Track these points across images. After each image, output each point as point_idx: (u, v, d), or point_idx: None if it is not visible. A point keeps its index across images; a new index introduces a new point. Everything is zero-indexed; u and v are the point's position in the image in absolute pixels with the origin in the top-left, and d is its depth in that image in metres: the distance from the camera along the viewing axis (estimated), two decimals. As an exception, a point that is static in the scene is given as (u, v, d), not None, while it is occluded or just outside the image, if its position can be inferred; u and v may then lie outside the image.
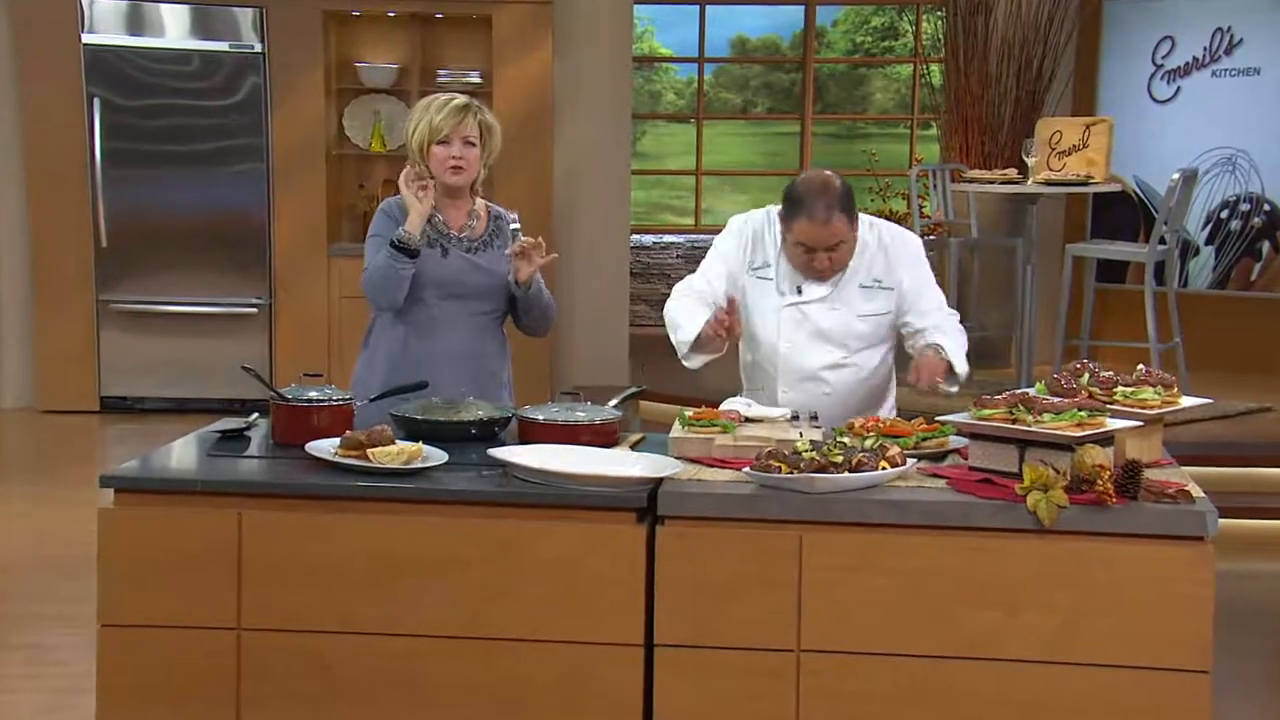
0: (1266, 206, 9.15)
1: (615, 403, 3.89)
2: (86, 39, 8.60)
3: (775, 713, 3.27)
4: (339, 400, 3.72)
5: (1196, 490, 3.30)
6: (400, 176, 4.22)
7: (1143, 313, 7.84)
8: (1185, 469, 3.57)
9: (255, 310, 8.88)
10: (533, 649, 3.31)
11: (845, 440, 3.46)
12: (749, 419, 3.76)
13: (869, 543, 3.24)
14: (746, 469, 3.35)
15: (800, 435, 3.53)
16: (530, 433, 3.72)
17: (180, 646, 3.38)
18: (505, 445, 3.60)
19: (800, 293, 4.12)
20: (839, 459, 3.28)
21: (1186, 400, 3.65)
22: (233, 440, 3.73)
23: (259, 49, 8.71)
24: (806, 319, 4.12)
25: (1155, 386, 3.56)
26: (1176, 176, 7.72)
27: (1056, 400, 3.36)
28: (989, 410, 3.35)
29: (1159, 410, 3.52)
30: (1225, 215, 9.26)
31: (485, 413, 3.83)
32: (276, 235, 8.83)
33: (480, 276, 4.27)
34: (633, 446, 3.70)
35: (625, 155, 9.39)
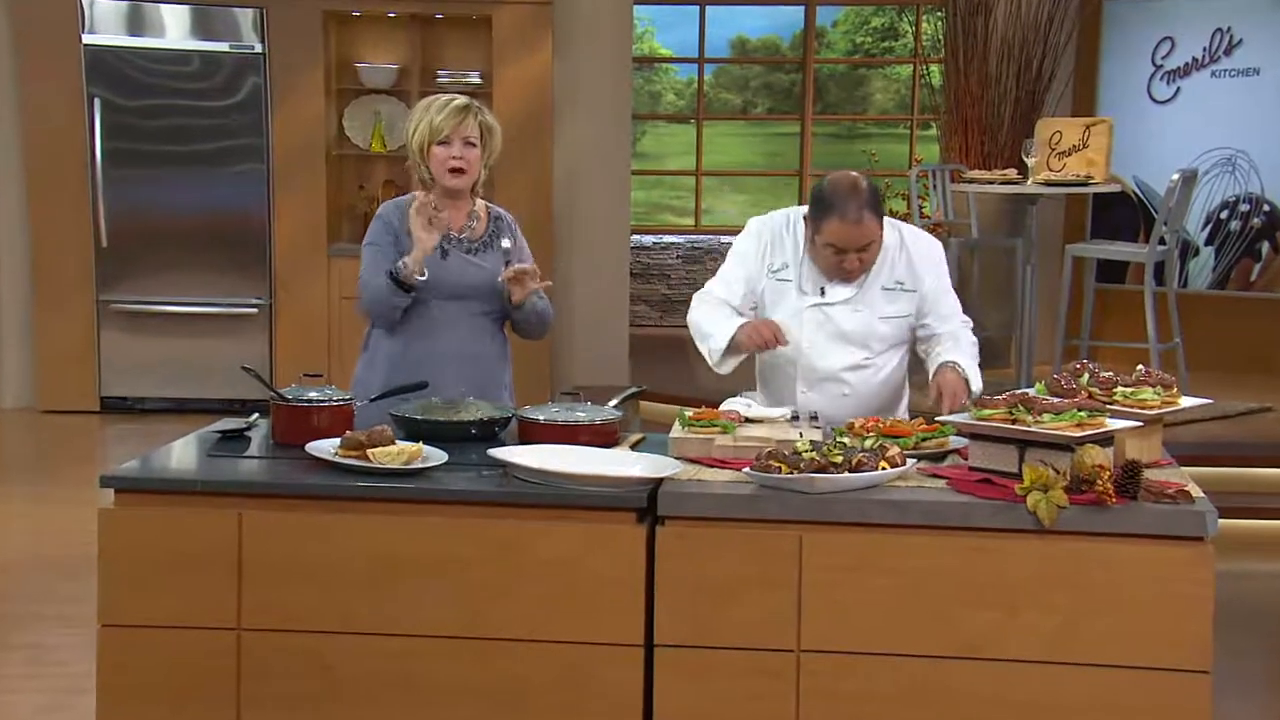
0: (1266, 207, 9.15)
1: (615, 403, 3.89)
2: (87, 39, 8.61)
3: (775, 713, 3.27)
4: (339, 400, 3.72)
5: (1196, 490, 3.30)
6: (413, 206, 4.14)
7: (1142, 313, 7.84)
8: (1185, 469, 3.58)
9: (255, 310, 8.88)
10: (532, 649, 3.31)
11: (845, 440, 3.46)
12: (749, 419, 3.76)
13: (869, 543, 3.24)
14: (746, 469, 3.35)
15: (800, 435, 3.53)
16: (530, 433, 3.72)
17: (180, 646, 3.38)
18: (505, 445, 3.60)
19: (824, 294, 4.12)
20: (839, 459, 3.28)
21: (1186, 400, 3.65)
22: (233, 440, 3.73)
23: (259, 49, 8.71)
24: (829, 320, 4.12)
25: (1155, 387, 3.56)
26: (1176, 177, 7.72)
27: (1056, 400, 3.36)
28: (989, 410, 3.35)
29: (1159, 410, 3.52)
30: (1225, 216, 9.27)
31: (485, 413, 3.83)
32: (276, 235, 8.83)
33: (480, 277, 4.27)
34: (633, 446, 3.71)
35: (625, 155, 9.39)
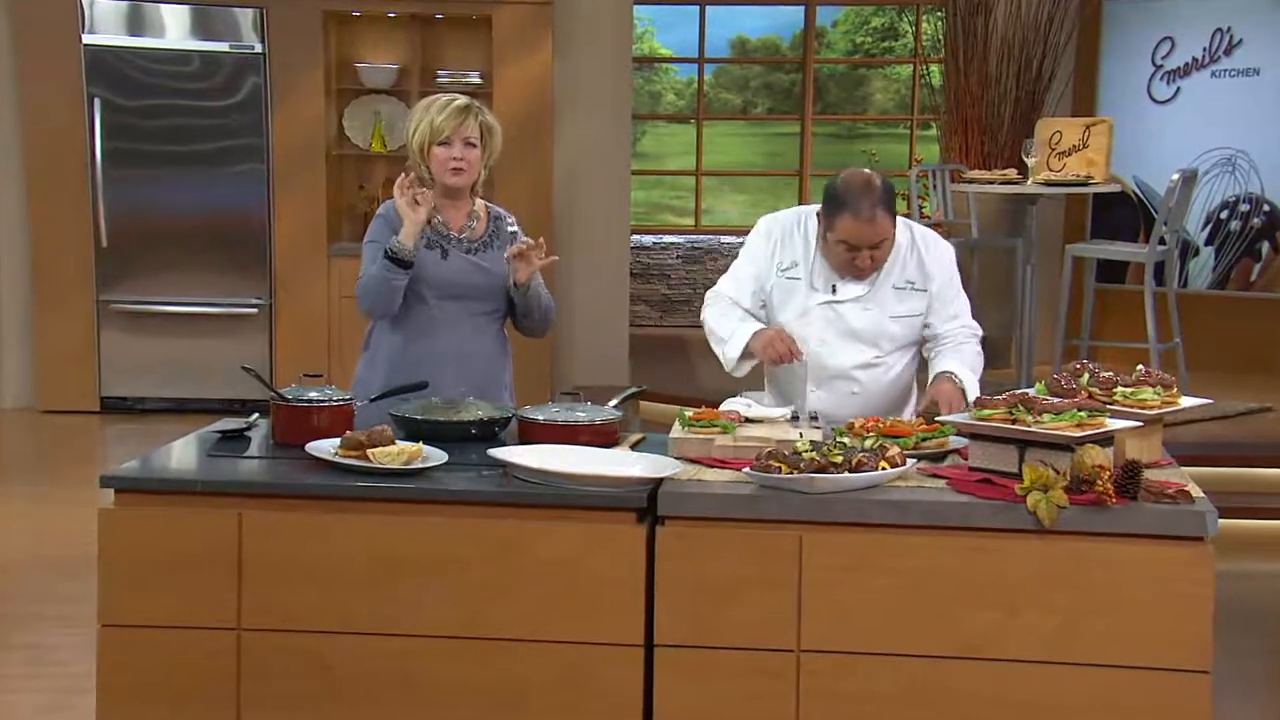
0: (1266, 207, 9.15)
1: (615, 403, 3.89)
2: (87, 39, 8.61)
3: (775, 713, 3.27)
4: (339, 400, 3.72)
5: (1196, 490, 3.30)
6: (395, 184, 4.19)
7: (1142, 313, 7.84)
8: (1185, 469, 3.58)
9: (255, 310, 8.88)
10: (532, 649, 3.31)
11: (845, 440, 3.46)
12: (749, 419, 3.76)
13: (869, 543, 3.24)
14: (746, 469, 3.35)
15: (800, 435, 3.53)
16: (530, 433, 3.72)
17: (180, 646, 3.38)
18: (505, 445, 3.60)
19: (835, 292, 4.12)
20: (839, 459, 3.28)
21: (1186, 400, 3.65)
22: (233, 440, 3.73)
23: (259, 49, 8.71)
24: (840, 318, 4.13)
25: (1155, 387, 3.56)
26: (1176, 177, 7.72)
27: (1056, 400, 3.36)
28: (989, 410, 3.35)
29: (1159, 410, 3.52)
30: (1225, 216, 9.27)
31: (485, 413, 3.83)
32: (276, 235, 8.83)
33: (480, 277, 4.27)
34: (633, 446, 3.71)
35: (625, 155, 9.39)
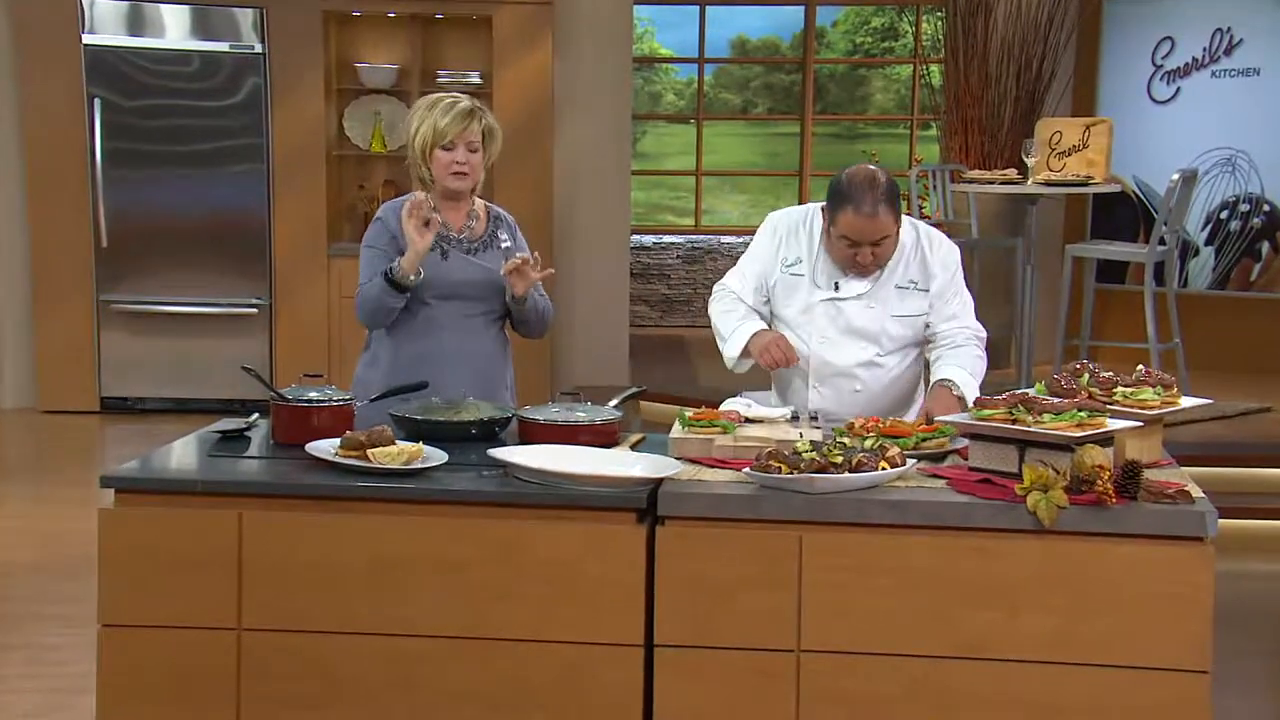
0: (1266, 207, 9.15)
1: (615, 403, 3.89)
2: (87, 39, 8.61)
3: (775, 713, 3.27)
4: (339, 400, 3.72)
5: (1196, 490, 3.30)
6: (405, 207, 4.15)
7: (1142, 313, 7.84)
8: (1185, 469, 3.58)
9: (255, 310, 8.88)
10: (533, 649, 3.31)
11: (845, 440, 3.46)
12: (749, 419, 3.76)
13: (869, 543, 3.24)
14: (746, 469, 3.35)
15: (800, 435, 3.53)
16: (530, 433, 3.72)
17: (180, 646, 3.38)
18: (505, 445, 3.60)
19: (837, 289, 4.12)
20: (839, 459, 3.28)
21: (1186, 400, 3.65)
22: (233, 440, 3.73)
23: (259, 49, 8.71)
24: (841, 314, 4.13)
25: (1155, 387, 3.56)
26: (1176, 177, 7.72)
27: (1056, 400, 3.36)
28: (989, 410, 3.35)
29: (1159, 410, 3.52)
30: (1225, 216, 9.27)
31: (485, 413, 3.83)
32: (276, 235, 8.83)
33: (481, 276, 4.27)
34: (633, 446, 3.71)
35: (625, 155, 9.39)
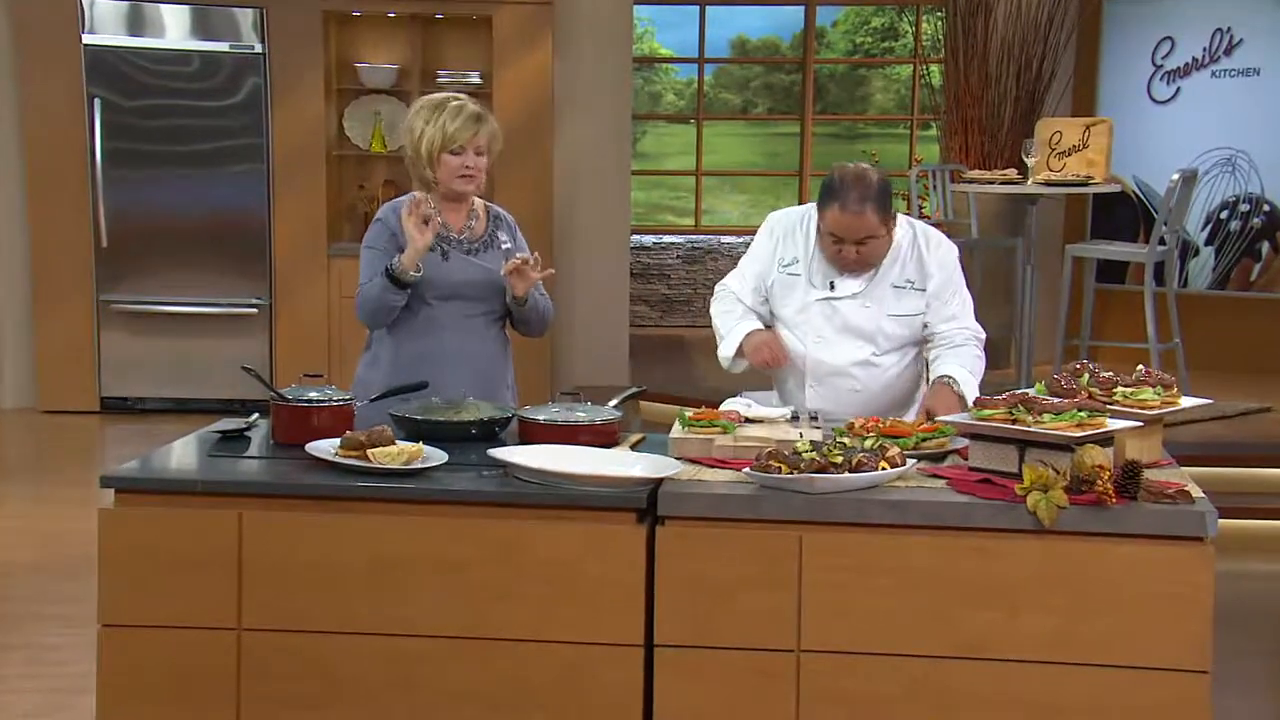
0: (1266, 207, 9.15)
1: (615, 403, 3.89)
2: (87, 39, 8.61)
3: (775, 713, 3.27)
4: (339, 400, 3.72)
5: (1196, 490, 3.30)
6: (405, 206, 4.16)
7: (1143, 313, 7.84)
8: (1185, 469, 3.58)
9: (255, 310, 8.88)
10: (533, 649, 3.31)
11: (845, 440, 3.46)
12: (749, 419, 3.76)
13: (869, 543, 3.24)
14: (746, 469, 3.35)
15: (800, 435, 3.53)
16: (530, 433, 3.72)
17: (180, 646, 3.38)
18: (505, 445, 3.60)
19: (833, 288, 4.13)
20: (839, 459, 3.28)
21: (1186, 400, 3.65)
22: (233, 440, 3.73)
23: (259, 49, 8.71)
24: (837, 314, 4.14)
25: (1155, 387, 3.56)
26: (1176, 177, 7.72)
27: (1056, 400, 3.36)
28: (989, 410, 3.35)
29: (1159, 410, 3.52)
30: (1225, 216, 9.27)
31: (485, 413, 3.83)
32: (276, 235, 8.83)
33: (481, 276, 4.27)
34: (633, 446, 3.71)
35: (625, 155, 9.39)
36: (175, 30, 8.70)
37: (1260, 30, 9.10)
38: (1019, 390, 3.43)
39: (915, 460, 3.45)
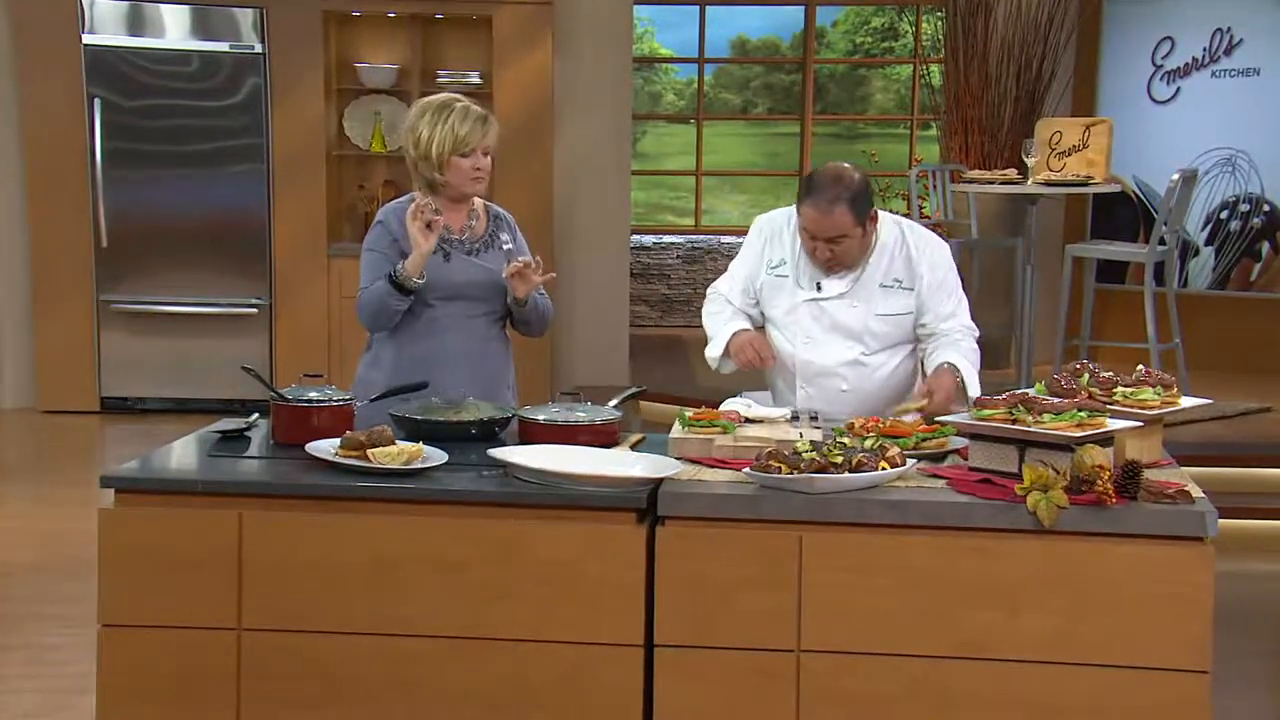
0: (1266, 207, 9.15)
1: (615, 403, 3.89)
2: (87, 39, 8.61)
3: (775, 713, 3.27)
4: (339, 400, 3.72)
5: (1196, 490, 3.30)
6: (409, 210, 4.15)
7: (1143, 313, 7.84)
8: (1185, 469, 3.58)
9: (255, 310, 8.88)
10: (533, 649, 3.31)
11: (845, 440, 3.46)
12: (749, 419, 3.76)
13: (869, 543, 3.24)
14: (746, 469, 3.35)
15: (800, 435, 3.53)
16: (530, 433, 3.72)
17: (180, 646, 3.38)
18: (505, 445, 3.60)
19: (819, 289, 4.14)
20: (839, 459, 3.28)
21: (1186, 400, 3.65)
22: (233, 440, 3.73)
23: (259, 49, 8.71)
24: (825, 314, 4.15)
25: (1155, 387, 3.56)
26: (1176, 177, 7.72)
27: (1056, 400, 3.36)
28: (989, 410, 3.35)
29: (1159, 410, 3.52)
30: (1225, 216, 9.27)
31: (485, 413, 3.83)
32: (276, 235, 8.83)
33: (482, 277, 4.27)
34: (633, 446, 3.71)
35: (625, 155, 9.39)
36: (175, 30, 8.70)
37: (1260, 30, 9.10)
38: (1019, 390, 3.43)
39: (915, 460, 3.45)
